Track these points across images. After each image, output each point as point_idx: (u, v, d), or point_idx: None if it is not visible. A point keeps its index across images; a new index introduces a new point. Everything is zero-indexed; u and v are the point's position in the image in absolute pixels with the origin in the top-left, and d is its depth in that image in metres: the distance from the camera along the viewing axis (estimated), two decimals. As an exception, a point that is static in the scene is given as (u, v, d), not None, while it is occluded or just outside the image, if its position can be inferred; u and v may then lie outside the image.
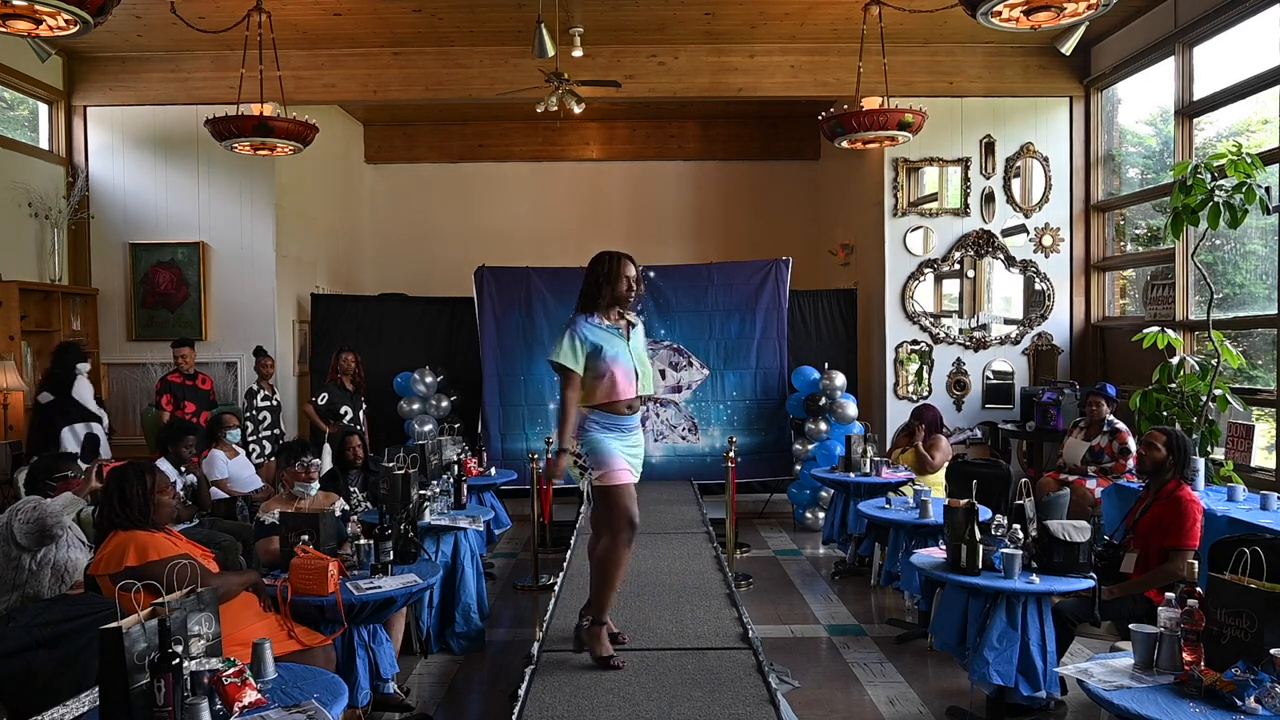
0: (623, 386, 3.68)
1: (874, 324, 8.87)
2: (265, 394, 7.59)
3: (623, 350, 3.71)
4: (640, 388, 3.73)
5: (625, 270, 3.74)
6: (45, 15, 4.02)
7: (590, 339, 3.68)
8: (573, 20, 7.25)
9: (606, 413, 3.70)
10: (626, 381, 3.69)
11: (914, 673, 4.58)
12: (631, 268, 3.78)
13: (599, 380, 3.65)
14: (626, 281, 3.75)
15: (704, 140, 11.20)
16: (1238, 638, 2.60)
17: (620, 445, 3.71)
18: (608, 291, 3.75)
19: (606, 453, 3.65)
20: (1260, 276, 6.65)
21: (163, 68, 8.26)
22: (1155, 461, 4.12)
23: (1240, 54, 6.63)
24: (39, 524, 3.37)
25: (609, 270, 3.76)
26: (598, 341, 3.67)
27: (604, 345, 3.67)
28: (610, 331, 3.72)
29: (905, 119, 6.30)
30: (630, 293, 3.77)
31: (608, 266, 3.76)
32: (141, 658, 2.36)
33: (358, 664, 3.64)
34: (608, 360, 3.66)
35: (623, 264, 3.76)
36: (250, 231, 8.51)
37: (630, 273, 3.76)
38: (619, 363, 3.67)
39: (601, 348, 3.66)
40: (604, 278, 3.76)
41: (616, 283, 3.75)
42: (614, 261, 3.77)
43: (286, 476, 4.52)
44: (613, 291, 3.75)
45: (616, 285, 3.75)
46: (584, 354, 3.67)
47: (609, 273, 3.75)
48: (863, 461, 6.42)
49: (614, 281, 3.75)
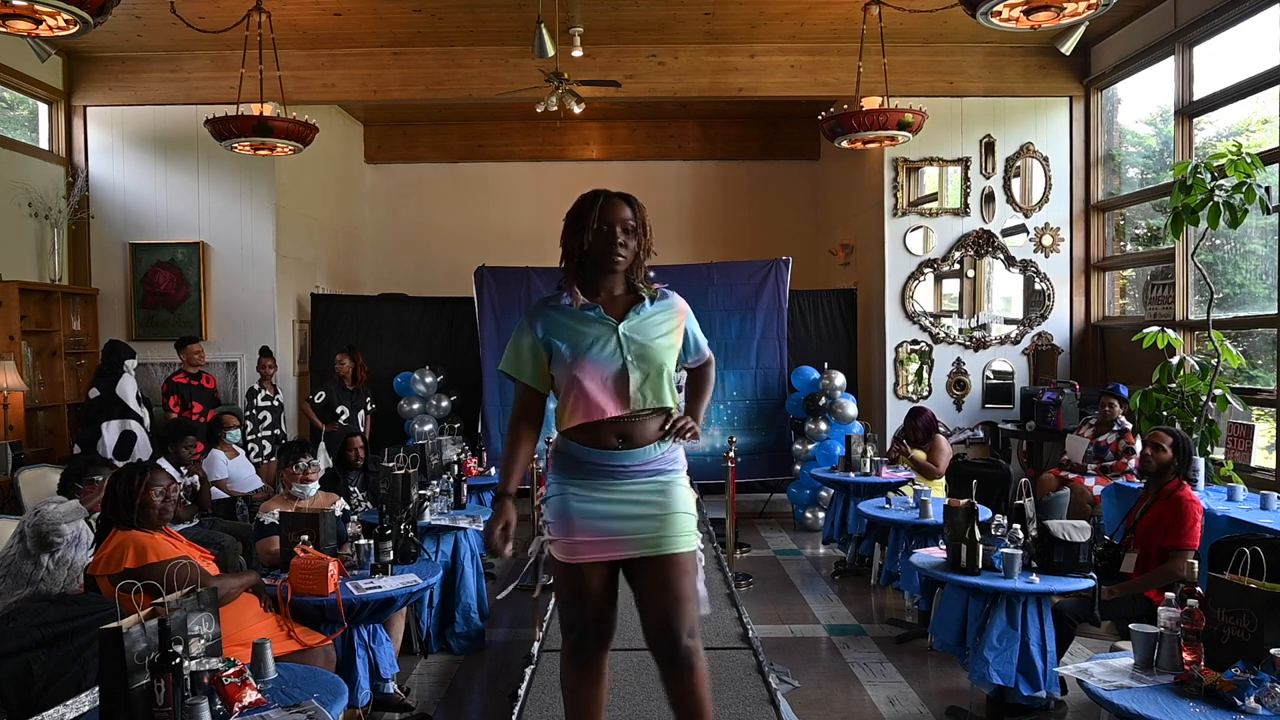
0: (597, 401, 2.43)
1: (874, 324, 8.87)
2: (266, 394, 7.59)
3: (601, 342, 2.45)
4: (642, 397, 2.45)
5: (603, 214, 2.43)
6: (45, 15, 4.02)
7: (543, 331, 2.49)
8: (573, 20, 7.25)
9: (579, 442, 2.49)
10: (603, 392, 2.43)
11: (914, 673, 4.58)
12: (617, 208, 2.45)
13: (566, 394, 2.48)
14: (604, 230, 2.42)
15: (704, 140, 11.20)
16: (1238, 638, 2.60)
17: (587, 498, 2.46)
18: (576, 249, 2.48)
19: (556, 510, 2.50)
20: (1260, 276, 6.64)
21: (163, 68, 8.26)
22: (1161, 462, 4.12)
23: (1240, 54, 6.63)
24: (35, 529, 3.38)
25: (577, 216, 2.47)
26: (555, 334, 2.48)
27: (566, 338, 2.47)
28: (584, 316, 2.47)
29: (905, 119, 6.31)
30: (616, 247, 2.44)
31: (577, 210, 2.48)
32: (141, 658, 2.36)
33: (358, 664, 3.64)
34: (570, 360, 2.45)
35: (599, 204, 2.44)
36: (250, 231, 8.51)
37: (612, 216, 2.44)
38: (591, 362, 2.44)
39: (562, 343, 2.47)
40: (573, 230, 2.48)
41: (586, 232, 2.43)
42: (586, 202, 2.47)
43: (286, 477, 4.52)
44: (582, 248, 2.46)
45: (587, 236, 2.43)
46: (534, 354, 2.51)
47: (577, 220, 2.47)
48: (863, 461, 6.41)
49: (583, 231, 2.44)
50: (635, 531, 2.45)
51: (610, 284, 2.52)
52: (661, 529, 2.45)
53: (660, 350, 2.49)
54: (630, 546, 2.45)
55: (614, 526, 2.45)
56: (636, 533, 2.45)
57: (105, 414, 6.96)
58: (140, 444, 7.03)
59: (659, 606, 2.44)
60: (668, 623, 2.43)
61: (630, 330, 2.48)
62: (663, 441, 2.50)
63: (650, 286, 2.55)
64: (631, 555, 2.46)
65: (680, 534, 2.46)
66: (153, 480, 3.42)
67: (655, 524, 2.45)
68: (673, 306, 2.59)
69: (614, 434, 2.46)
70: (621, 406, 2.45)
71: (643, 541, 2.45)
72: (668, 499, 2.48)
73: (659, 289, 2.57)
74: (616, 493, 2.46)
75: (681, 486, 2.53)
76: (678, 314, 2.59)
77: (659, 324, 2.53)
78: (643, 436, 2.48)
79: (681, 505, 2.50)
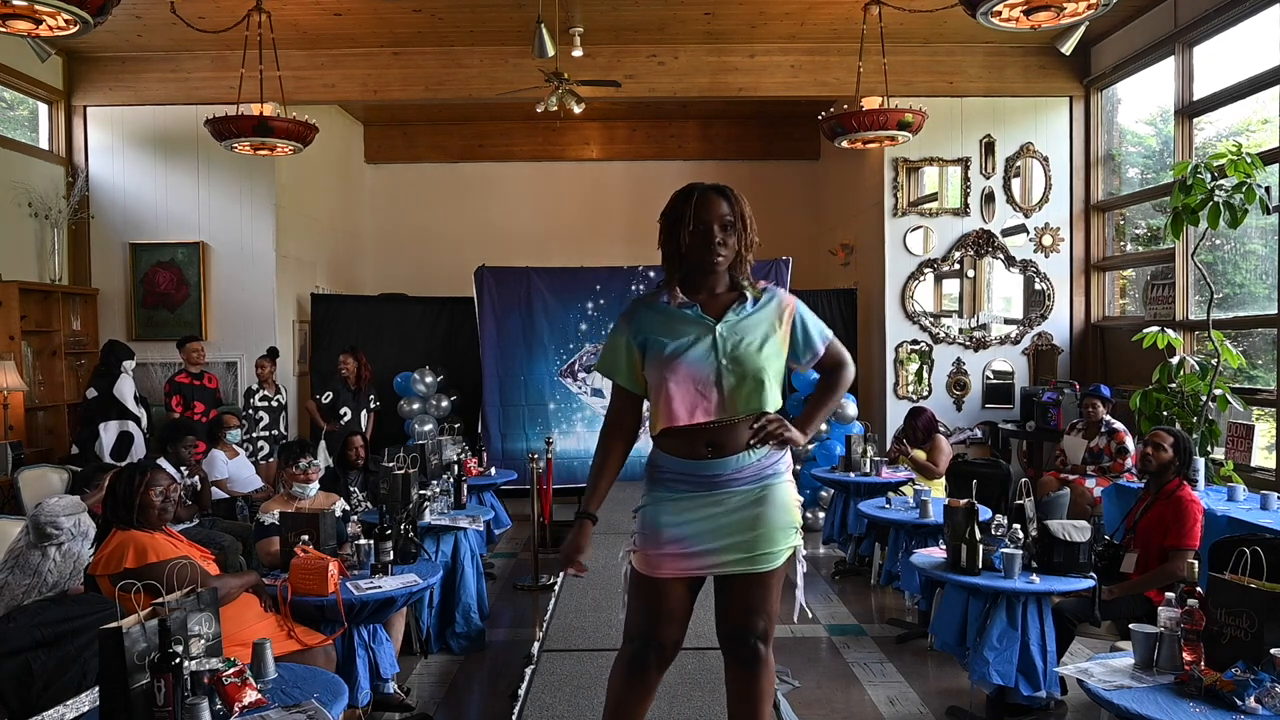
0: (686, 405, 2.32)
1: (874, 324, 8.87)
2: (265, 394, 7.58)
3: (696, 342, 2.34)
4: (735, 403, 2.32)
5: (698, 212, 2.32)
6: (45, 15, 4.02)
7: (637, 329, 2.39)
8: (573, 20, 7.25)
9: (669, 451, 2.39)
10: (694, 396, 2.32)
11: (914, 672, 4.58)
12: (713, 204, 2.33)
13: (655, 396, 2.37)
14: (701, 229, 2.32)
15: (704, 140, 11.20)
16: (1238, 638, 2.60)
17: (676, 509, 2.36)
18: (675, 251, 2.37)
19: (644, 520, 2.39)
20: (1260, 276, 6.64)
21: (163, 68, 8.26)
22: (1162, 462, 4.12)
23: (1240, 54, 6.63)
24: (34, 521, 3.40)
25: (674, 213, 2.37)
26: (649, 332, 2.37)
27: (659, 337, 2.36)
28: (681, 314, 2.37)
29: (905, 119, 6.31)
30: (715, 246, 2.32)
31: (671, 209, 2.38)
32: (141, 658, 2.36)
33: (358, 664, 3.64)
34: (662, 360, 2.34)
35: (694, 201, 2.33)
36: (250, 231, 8.51)
37: (708, 214, 2.32)
38: (684, 363, 2.32)
39: (655, 342, 2.36)
40: (669, 231, 2.38)
41: (683, 232, 2.33)
42: (680, 200, 2.36)
43: (286, 477, 4.52)
44: (680, 250, 2.36)
45: (684, 236, 2.33)
46: (627, 353, 2.39)
47: (673, 220, 2.36)
48: (862, 461, 6.41)
49: (679, 231, 2.34)
50: (724, 549, 2.35)
51: (711, 283, 2.40)
52: (754, 546, 2.36)
53: (756, 353, 2.35)
54: (717, 565, 2.38)
55: (702, 542, 2.34)
56: (726, 551, 2.36)
57: (103, 414, 6.96)
58: (137, 445, 7.03)
59: (737, 611, 2.44)
60: (743, 626, 2.43)
61: (727, 330, 2.35)
62: (759, 447, 2.36)
63: (755, 284, 2.42)
64: (718, 572, 2.40)
65: (773, 549, 2.38)
66: (153, 480, 3.42)
67: (747, 540, 2.36)
68: (776, 305, 2.41)
69: (704, 441, 2.34)
70: (712, 412, 2.32)
71: (732, 561, 2.37)
72: (764, 509, 2.37)
73: (765, 286, 2.44)
74: (708, 505, 2.35)
75: (780, 493, 2.40)
76: (782, 313, 2.41)
77: (758, 324, 2.39)
78: (735, 444, 2.35)
79: (777, 517, 2.39)
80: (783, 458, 2.44)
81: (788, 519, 2.42)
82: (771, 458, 2.41)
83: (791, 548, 2.44)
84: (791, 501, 2.44)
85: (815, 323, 2.48)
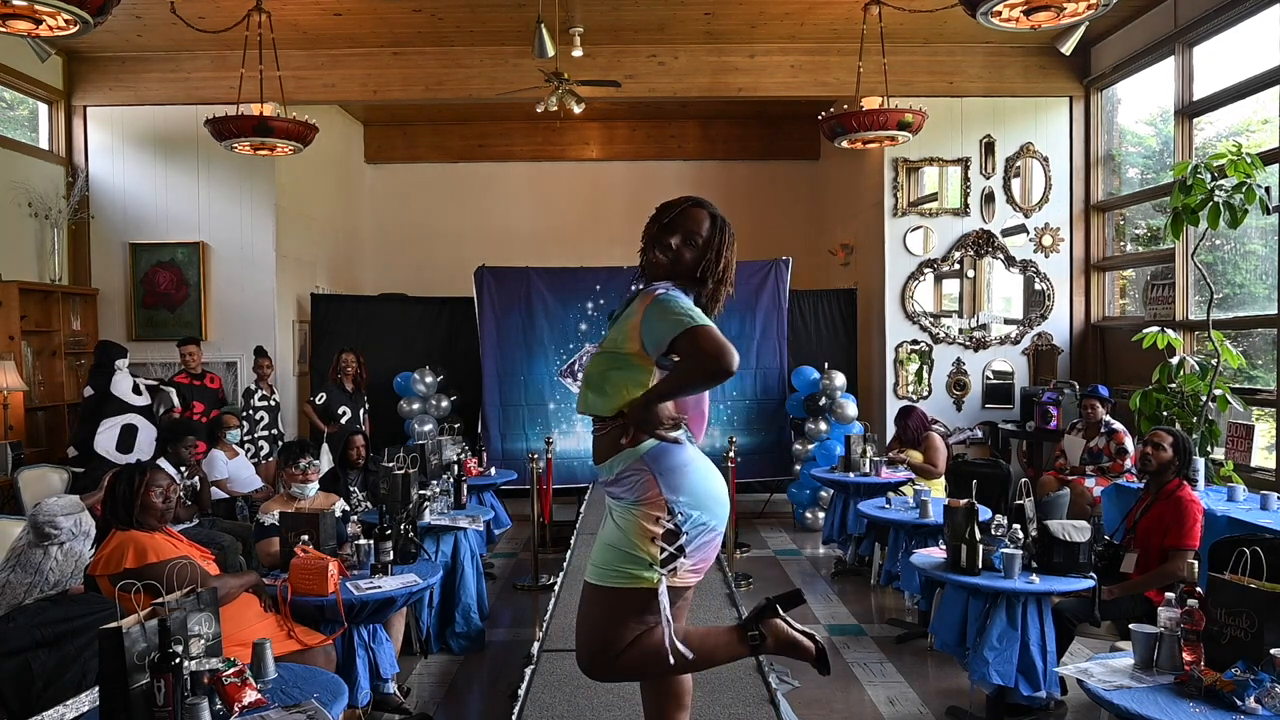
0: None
1: (874, 324, 8.87)
2: (263, 394, 7.58)
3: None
4: (583, 403, 2.43)
5: (680, 215, 2.44)
6: (45, 15, 4.03)
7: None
8: (573, 20, 7.25)
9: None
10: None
11: (914, 673, 4.58)
12: (696, 217, 2.44)
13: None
14: (663, 228, 2.45)
15: (704, 140, 11.19)
16: (1238, 638, 2.60)
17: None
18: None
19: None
20: (1260, 276, 6.64)
21: (163, 68, 8.26)
22: (1162, 462, 4.12)
23: (1240, 54, 6.62)
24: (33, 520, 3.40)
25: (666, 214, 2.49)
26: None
27: None
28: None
29: (905, 119, 6.31)
30: (658, 246, 2.44)
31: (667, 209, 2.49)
32: (141, 658, 2.36)
33: (358, 664, 3.64)
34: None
35: (689, 208, 2.46)
36: (250, 231, 8.51)
37: (684, 221, 2.43)
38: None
39: None
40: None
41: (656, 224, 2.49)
42: (676, 203, 2.48)
43: (285, 477, 4.52)
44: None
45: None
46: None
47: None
48: (862, 461, 6.41)
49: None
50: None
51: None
52: (593, 553, 2.39)
53: (602, 351, 2.36)
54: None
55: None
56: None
57: (101, 413, 6.95)
58: (143, 436, 6.95)
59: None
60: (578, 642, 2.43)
61: (607, 331, 2.41)
62: (613, 462, 2.32)
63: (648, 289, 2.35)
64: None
65: (593, 563, 2.36)
66: (152, 480, 3.42)
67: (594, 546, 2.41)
68: (640, 298, 2.34)
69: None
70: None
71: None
72: (607, 526, 2.37)
73: (656, 288, 2.33)
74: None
75: (618, 517, 2.32)
76: (638, 306, 2.32)
77: (620, 321, 2.37)
78: (599, 454, 2.37)
79: (607, 535, 2.34)
80: (637, 480, 2.29)
81: (615, 542, 2.31)
82: (627, 476, 2.31)
83: (612, 572, 2.30)
84: (633, 532, 2.28)
85: (670, 312, 2.24)
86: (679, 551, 2.28)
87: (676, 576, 2.29)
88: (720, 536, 2.37)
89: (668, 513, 2.27)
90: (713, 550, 2.35)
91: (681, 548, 2.28)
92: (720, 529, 2.36)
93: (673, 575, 2.28)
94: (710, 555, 2.35)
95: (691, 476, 2.31)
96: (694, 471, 2.32)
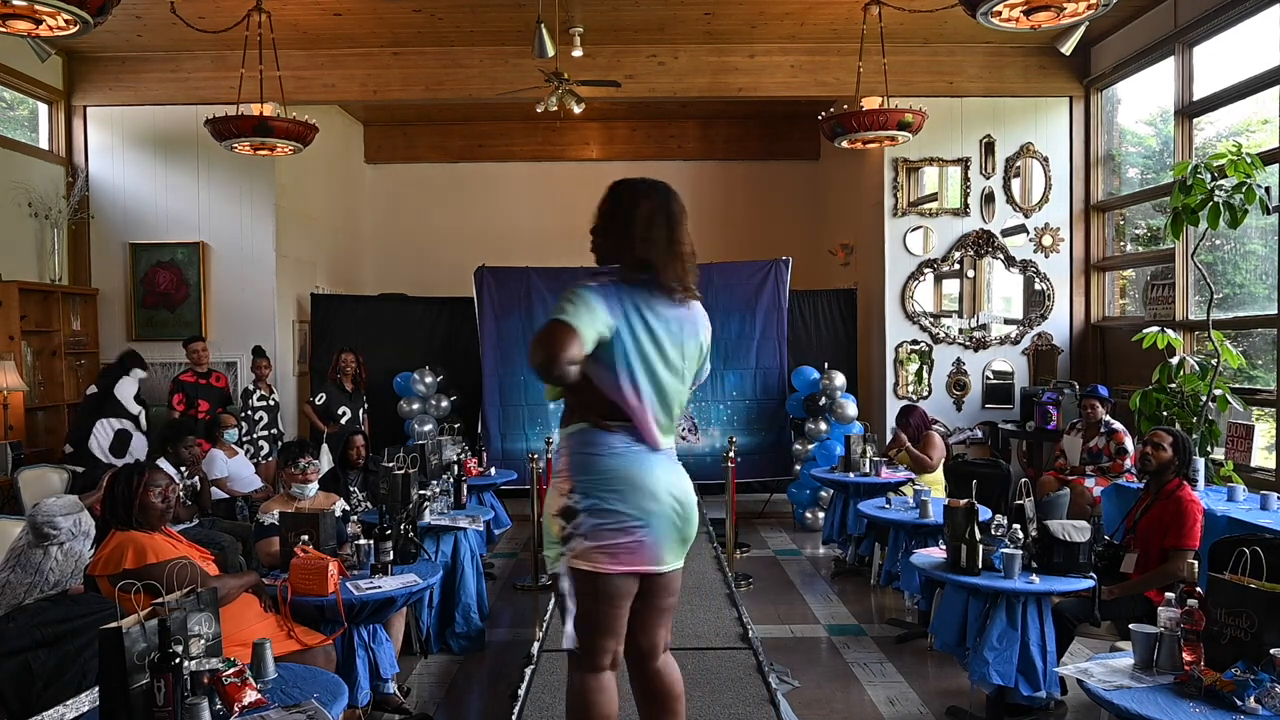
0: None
1: (874, 324, 8.87)
2: (262, 394, 7.59)
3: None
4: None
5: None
6: (45, 15, 4.02)
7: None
8: (573, 20, 7.25)
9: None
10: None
11: (914, 673, 4.58)
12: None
13: None
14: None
15: (704, 140, 11.19)
16: (1238, 638, 2.60)
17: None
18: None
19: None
20: (1260, 276, 6.65)
21: (163, 68, 8.26)
22: (1161, 461, 4.12)
23: (1240, 54, 6.63)
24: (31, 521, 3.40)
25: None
26: None
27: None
28: None
29: (905, 119, 6.31)
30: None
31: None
32: (141, 658, 2.36)
33: (358, 664, 3.64)
34: None
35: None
36: (250, 231, 8.51)
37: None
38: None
39: None
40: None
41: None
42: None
43: (285, 477, 4.52)
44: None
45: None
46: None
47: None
48: (862, 461, 6.42)
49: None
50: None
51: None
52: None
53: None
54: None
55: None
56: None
57: (99, 412, 6.96)
58: (136, 444, 7.01)
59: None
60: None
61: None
62: (558, 442, 2.47)
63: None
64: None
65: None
66: (152, 480, 3.42)
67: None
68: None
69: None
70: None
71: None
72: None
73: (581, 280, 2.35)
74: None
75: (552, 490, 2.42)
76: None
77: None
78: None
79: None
80: (555, 458, 2.42)
81: (546, 521, 2.40)
82: (559, 452, 2.42)
83: (556, 555, 2.35)
84: (548, 508, 2.38)
85: (559, 303, 2.28)
86: (575, 529, 2.28)
87: (586, 560, 2.27)
88: (650, 531, 2.31)
89: (569, 490, 2.32)
90: (637, 543, 2.29)
91: (578, 526, 2.28)
92: (645, 524, 2.30)
93: (580, 558, 2.27)
94: (637, 550, 2.29)
95: (608, 460, 2.31)
96: (613, 456, 2.31)
